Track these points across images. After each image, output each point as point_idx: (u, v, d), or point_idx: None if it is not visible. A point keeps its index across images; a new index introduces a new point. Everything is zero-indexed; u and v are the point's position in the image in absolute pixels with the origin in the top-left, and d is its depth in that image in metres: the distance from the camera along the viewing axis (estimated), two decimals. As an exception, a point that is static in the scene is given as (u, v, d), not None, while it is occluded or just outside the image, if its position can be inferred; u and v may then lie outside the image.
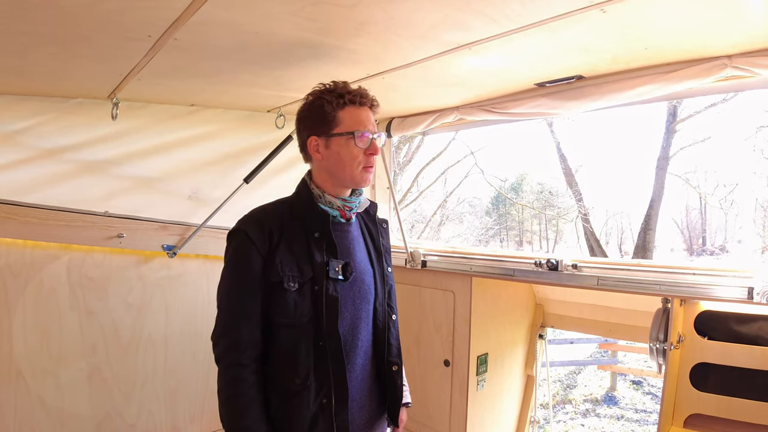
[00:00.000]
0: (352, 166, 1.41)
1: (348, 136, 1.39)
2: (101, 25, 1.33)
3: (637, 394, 7.63)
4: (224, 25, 1.35)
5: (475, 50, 1.57)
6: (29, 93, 2.04)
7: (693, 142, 12.95)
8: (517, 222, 27.03)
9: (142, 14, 1.26)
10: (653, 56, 1.67)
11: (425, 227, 16.54)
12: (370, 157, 1.42)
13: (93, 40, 1.43)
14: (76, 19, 1.28)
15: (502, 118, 2.34)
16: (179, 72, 1.78)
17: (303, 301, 1.37)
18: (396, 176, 12.49)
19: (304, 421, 1.36)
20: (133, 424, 2.33)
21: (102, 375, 2.25)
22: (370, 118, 1.43)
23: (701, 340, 1.82)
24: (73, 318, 2.17)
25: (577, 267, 2.03)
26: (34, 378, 2.08)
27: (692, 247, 21.97)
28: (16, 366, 2.04)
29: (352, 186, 1.47)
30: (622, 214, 22.29)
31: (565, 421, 6.92)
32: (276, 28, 1.39)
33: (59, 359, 2.14)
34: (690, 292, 1.72)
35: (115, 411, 2.29)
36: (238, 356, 1.34)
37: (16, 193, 2.02)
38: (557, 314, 2.78)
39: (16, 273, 2.04)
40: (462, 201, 18.96)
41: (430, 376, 2.62)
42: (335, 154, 1.41)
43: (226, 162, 2.54)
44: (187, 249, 2.40)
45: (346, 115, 1.40)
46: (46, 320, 2.11)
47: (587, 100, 1.95)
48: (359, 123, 1.40)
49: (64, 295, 2.15)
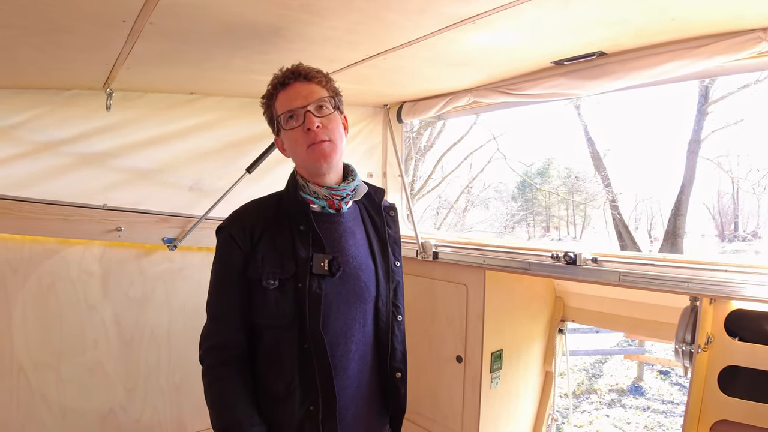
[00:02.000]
0: (299, 151, 1.32)
1: (282, 123, 1.32)
2: (76, 13, 1.26)
3: (665, 385, 7.39)
4: (201, 7, 1.26)
5: (480, 25, 1.42)
6: (24, 86, 2.00)
7: (725, 125, 12.35)
8: (544, 207, 26.57)
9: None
10: (681, 29, 1.51)
11: (448, 212, 16.34)
12: (309, 133, 1.28)
13: (71, 29, 1.36)
14: (51, 9, 1.22)
15: (519, 100, 2.20)
16: (165, 59, 1.70)
17: (285, 299, 1.28)
18: (417, 162, 12.40)
19: (290, 428, 1.28)
20: (138, 419, 2.31)
21: (104, 369, 2.22)
22: (301, 93, 1.31)
23: (731, 342, 1.66)
24: (74, 313, 2.14)
25: (597, 261, 1.88)
26: (36, 373, 2.07)
27: (724, 233, 21.23)
28: (18, 361, 2.03)
29: (314, 170, 1.34)
30: (651, 200, 21.60)
31: (590, 411, 6.76)
32: (257, 6, 1.29)
33: (60, 354, 2.12)
34: (720, 291, 1.56)
35: (119, 406, 2.26)
36: (221, 355, 1.29)
37: (13, 188, 1.99)
38: (578, 308, 2.64)
39: (14, 268, 2.02)
40: (487, 186, 18.64)
41: (442, 371, 2.52)
42: (289, 147, 1.36)
43: (228, 152, 2.46)
44: (189, 241, 2.34)
45: (278, 104, 1.33)
46: (46, 315, 2.09)
47: (610, 78, 1.80)
48: (284, 105, 1.31)
49: (64, 289, 2.12)
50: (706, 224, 21.64)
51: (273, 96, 1.33)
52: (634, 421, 6.41)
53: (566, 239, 25.55)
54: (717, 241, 20.60)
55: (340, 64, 1.85)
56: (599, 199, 16.40)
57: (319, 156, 1.29)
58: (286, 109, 1.30)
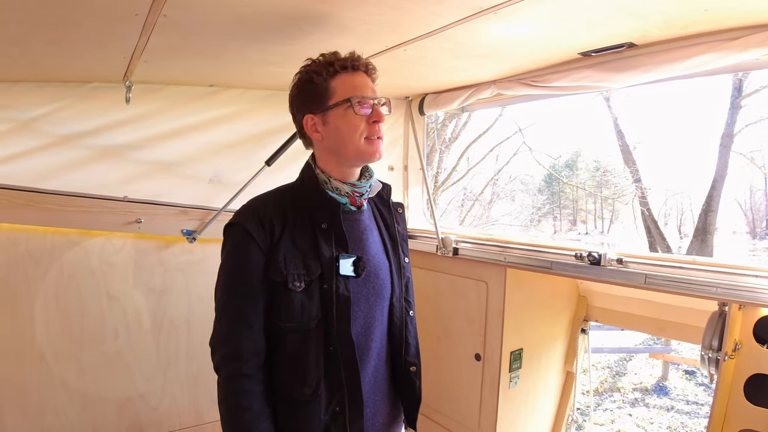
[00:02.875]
0: (354, 137, 1.25)
1: (345, 104, 1.23)
2: (87, 8, 1.24)
3: (690, 385, 7.21)
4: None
5: (502, 15, 1.36)
6: (45, 79, 2.01)
7: (759, 119, 11.94)
8: (571, 201, 26.15)
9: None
10: (714, 20, 1.41)
11: (473, 204, 16.18)
12: (374, 125, 1.25)
13: (83, 23, 1.35)
14: (62, 3, 1.20)
15: (544, 93, 2.12)
16: (181, 52, 1.68)
17: (310, 302, 1.23)
18: (442, 154, 12.27)
19: (316, 431, 1.25)
20: (156, 407, 2.34)
21: (124, 359, 2.26)
22: (368, 84, 1.27)
23: (760, 349, 1.57)
24: (95, 303, 2.18)
25: (622, 262, 1.81)
26: (57, 361, 2.11)
27: (755, 230, 20.59)
28: (39, 350, 2.07)
29: (359, 162, 1.31)
30: (682, 195, 21.02)
31: (612, 410, 6.64)
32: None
33: (81, 343, 2.16)
34: (750, 297, 1.47)
35: (138, 394, 2.30)
36: (240, 366, 1.21)
37: (35, 180, 2.02)
38: (602, 308, 2.55)
39: (36, 259, 2.06)
40: (513, 179, 18.37)
41: (460, 369, 2.48)
42: (334, 130, 1.26)
43: (248, 144, 2.45)
44: (209, 233, 2.34)
45: (339, 84, 1.24)
46: (67, 305, 2.12)
47: (639, 71, 1.71)
48: (355, 88, 1.24)
49: (85, 280, 2.15)
50: (737, 221, 21.01)
51: (333, 73, 1.25)
52: (657, 421, 6.28)
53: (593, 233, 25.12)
54: (748, 238, 20.00)
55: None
56: (628, 194, 16.02)
57: (375, 151, 1.27)
58: (360, 93, 1.24)
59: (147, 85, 2.16)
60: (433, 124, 11.22)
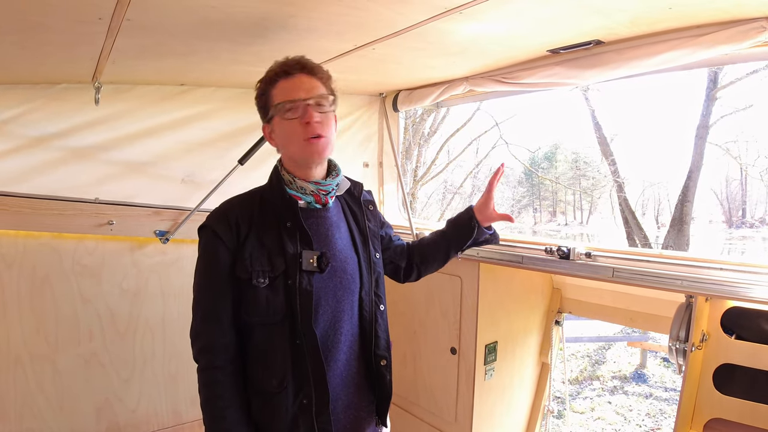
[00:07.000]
0: (294, 141, 1.30)
1: (280, 112, 1.28)
2: (50, 11, 1.23)
3: (667, 372, 7.39)
4: (177, 2, 1.22)
5: (468, 14, 1.38)
6: (16, 82, 1.98)
7: (734, 111, 12.22)
8: (551, 192, 26.43)
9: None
10: (679, 17, 1.44)
11: (453, 197, 16.29)
12: (308, 126, 1.27)
13: (48, 26, 1.34)
14: (25, 6, 1.19)
15: (515, 89, 2.16)
16: (150, 52, 1.67)
17: (275, 297, 1.28)
18: (420, 148, 12.29)
19: (284, 422, 1.29)
20: (134, 409, 2.34)
21: (100, 360, 2.24)
22: (303, 86, 1.29)
23: (728, 340, 1.63)
24: (69, 305, 2.16)
25: (591, 256, 1.85)
26: (32, 365, 2.09)
27: (731, 219, 21.07)
28: (15, 353, 2.06)
29: (307, 163, 1.34)
30: (659, 185, 21.40)
31: (592, 398, 6.77)
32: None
33: (56, 346, 2.14)
34: (716, 291, 1.51)
35: (115, 396, 2.29)
36: (212, 358, 1.30)
37: (6, 183, 1.99)
38: (575, 299, 2.60)
39: (9, 263, 2.03)
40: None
41: (437, 362, 2.52)
42: (280, 136, 1.33)
43: (221, 143, 2.43)
44: (182, 234, 2.33)
45: (277, 92, 1.30)
46: (41, 308, 2.10)
47: (607, 67, 1.74)
48: (286, 94, 1.28)
49: (59, 282, 2.13)
50: (713, 210, 21.47)
51: (273, 82, 1.31)
52: (636, 408, 6.42)
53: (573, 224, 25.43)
54: (724, 227, 20.46)
55: (328, 55, 1.82)
56: (606, 185, 16.27)
57: (314, 151, 1.30)
58: (288, 98, 1.28)
59: (116, 85, 2.13)
60: (410, 119, 11.24)
